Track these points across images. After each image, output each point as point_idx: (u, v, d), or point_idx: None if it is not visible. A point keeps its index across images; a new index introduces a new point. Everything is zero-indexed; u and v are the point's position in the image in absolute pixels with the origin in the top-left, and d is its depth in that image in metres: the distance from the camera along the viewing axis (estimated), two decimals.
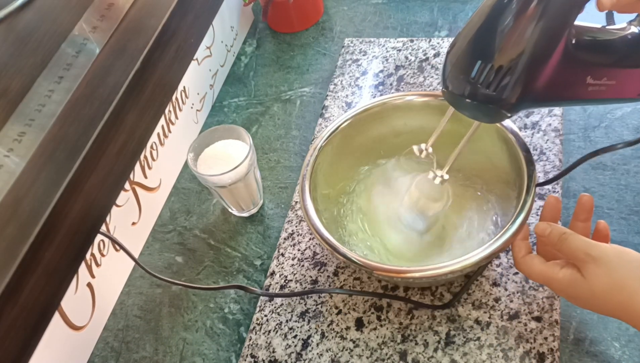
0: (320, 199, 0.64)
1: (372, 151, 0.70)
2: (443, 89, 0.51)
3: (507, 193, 0.61)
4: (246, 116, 0.88)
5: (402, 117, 0.68)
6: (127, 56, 0.37)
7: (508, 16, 0.45)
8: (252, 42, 0.99)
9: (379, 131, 0.69)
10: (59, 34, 0.39)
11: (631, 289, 0.46)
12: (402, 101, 0.68)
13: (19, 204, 0.31)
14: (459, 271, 0.54)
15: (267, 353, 0.63)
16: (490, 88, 0.47)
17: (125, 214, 0.71)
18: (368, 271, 0.56)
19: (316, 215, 0.60)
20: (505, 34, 0.46)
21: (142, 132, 0.38)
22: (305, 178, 0.63)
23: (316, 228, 0.59)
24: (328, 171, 0.66)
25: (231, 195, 0.72)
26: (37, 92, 0.36)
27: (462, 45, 0.48)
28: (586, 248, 0.48)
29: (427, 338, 0.61)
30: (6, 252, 0.29)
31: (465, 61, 0.48)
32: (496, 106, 0.48)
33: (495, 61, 0.46)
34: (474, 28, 0.48)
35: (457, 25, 0.91)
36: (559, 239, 0.50)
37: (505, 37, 0.46)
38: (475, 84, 0.47)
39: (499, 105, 0.48)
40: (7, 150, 0.33)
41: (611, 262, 0.47)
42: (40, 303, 0.31)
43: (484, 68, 0.47)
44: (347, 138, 0.68)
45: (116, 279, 0.72)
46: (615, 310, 0.47)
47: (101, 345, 0.68)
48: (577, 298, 0.50)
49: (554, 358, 0.57)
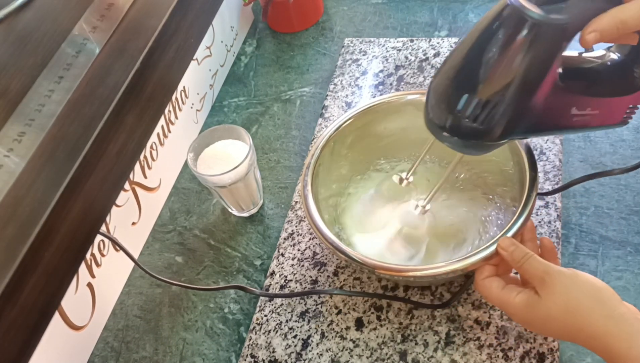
0: (320, 199, 0.64)
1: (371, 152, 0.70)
2: (425, 116, 0.49)
3: (511, 195, 0.62)
4: (246, 116, 0.88)
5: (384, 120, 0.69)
6: (127, 56, 0.37)
7: (495, 47, 0.43)
8: (252, 42, 0.99)
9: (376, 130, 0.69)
10: (59, 33, 0.39)
11: (586, 308, 0.46)
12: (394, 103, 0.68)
13: (18, 204, 0.31)
14: (459, 270, 0.54)
15: (267, 353, 0.63)
16: (475, 122, 0.45)
17: (125, 214, 0.71)
18: (369, 269, 0.56)
19: (318, 214, 0.60)
20: (491, 66, 0.44)
21: (142, 132, 0.38)
22: (307, 175, 0.63)
23: (317, 227, 0.59)
24: (327, 171, 0.66)
25: (231, 195, 0.72)
26: (37, 92, 0.36)
27: (446, 75, 0.47)
28: (545, 268, 0.49)
29: (427, 338, 0.61)
30: (6, 252, 0.29)
31: (449, 93, 0.46)
32: (479, 140, 0.47)
33: (481, 94, 0.44)
34: (459, 58, 0.46)
35: (457, 25, 0.91)
36: (522, 259, 0.50)
37: (492, 69, 0.44)
38: (458, 117, 0.46)
39: (482, 139, 0.47)
40: (7, 150, 0.33)
41: (568, 281, 0.47)
42: (40, 303, 0.31)
43: (469, 101, 0.45)
44: (346, 139, 0.68)
45: (116, 279, 0.72)
46: (572, 331, 0.47)
47: (101, 345, 0.68)
48: (533, 322, 0.50)
49: (554, 358, 0.57)
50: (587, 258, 0.63)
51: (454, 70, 0.46)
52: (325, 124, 0.82)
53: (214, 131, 0.71)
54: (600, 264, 0.62)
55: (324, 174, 0.65)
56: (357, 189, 0.70)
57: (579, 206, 0.67)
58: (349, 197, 0.70)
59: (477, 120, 0.45)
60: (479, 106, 0.45)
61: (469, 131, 0.46)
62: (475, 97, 0.45)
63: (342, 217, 0.68)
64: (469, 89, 0.45)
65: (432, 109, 0.48)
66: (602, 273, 0.61)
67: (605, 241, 0.64)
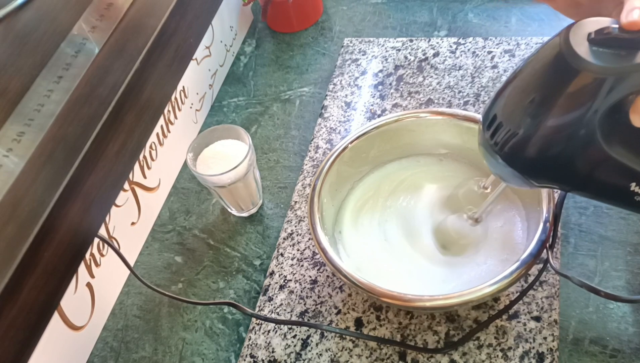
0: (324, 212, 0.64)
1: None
2: (482, 132, 0.48)
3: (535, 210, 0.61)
4: (245, 115, 0.88)
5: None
6: (126, 56, 0.37)
7: (538, 83, 0.41)
8: (251, 42, 0.99)
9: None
10: (58, 33, 0.39)
11: None
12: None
13: (18, 204, 0.31)
14: (467, 302, 0.53)
15: (266, 353, 0.63)
16: (506, 148, 0.44)
17: (124, 214, 0.71)
18: (373, 297, 0.56)
19: (328, 244, 0.59)
20: (529, 99, 0.42)
21: (141, 132, 0.38)
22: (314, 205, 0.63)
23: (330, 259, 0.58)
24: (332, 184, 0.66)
25: (230, 195, 0.72)
26: (36, 92, 0.36)
27: (508, 101, 0.45)
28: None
29: (427, 338, 0.61)
30: (5, 252, 0.29)
31: (488, 114, 0.46)
32: (523, 177, 0.46)
33: (511, 122, 0.43)
34: (508, 84, 0.44)
35: (457, 25, 0.91)
36: None
37: (529, 102, 0.42)
38: (507, 147, 0.45)
39: (516, 169, 0.46)
40: (6, 150, 0.33)
41: None
42: (40, 303, 0.31)
43: (504, 127, 0.44)
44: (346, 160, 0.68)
45: (115, 279, 0.72)
46: None
47: (100, 345, 0.68)
48: None
49: (553, 358, 0.57)
50: (587, 258, 0.63)
51: (495, 96, 0.46)
52: (324, 123, 0.82)
53: (213, 131, 0.71)
54: (600, 264, 0.62)
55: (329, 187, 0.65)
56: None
57: (579, 205, 0.67)
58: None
59: (508, 147, 0.45)
60: (511, 134, 0.44)
61: (507, 158, 0.46)
62: (508, 124, 0.44)
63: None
64: (509, 115, 0.44)
65: (480, 131, 0.48)
66: (601, 272, 0.61)
67: (604, 241, 0.64)
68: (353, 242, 0.66)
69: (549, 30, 0.86)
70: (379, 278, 0.61)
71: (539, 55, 0.42)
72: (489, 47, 0.85)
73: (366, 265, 0.63)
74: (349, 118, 0.82)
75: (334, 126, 0.82)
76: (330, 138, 0.80)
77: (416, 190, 0.68)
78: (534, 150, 0.44)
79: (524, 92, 0.43)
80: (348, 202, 0.69)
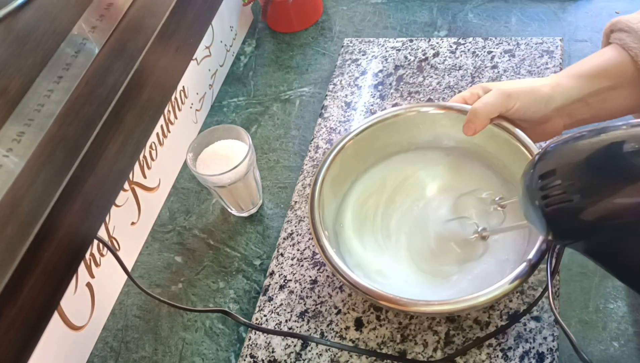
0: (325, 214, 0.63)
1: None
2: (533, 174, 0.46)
3: None
4: (245, 115, 0.88)
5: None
6: (127, 56, 0.37)
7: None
8: (251, 42, 0.99)
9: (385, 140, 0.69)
10: (58, 33, 0.39)
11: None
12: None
13: (18, 204, 0.31)
14: (467, 308, 0.52)
15: (266, 353, 0.63)
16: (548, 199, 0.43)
17: (124, 214, 0.71)
18: (376, 301, 0.55)
19: (331, 249, 0.58)
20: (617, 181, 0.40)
21: (141, 132, 0.38)
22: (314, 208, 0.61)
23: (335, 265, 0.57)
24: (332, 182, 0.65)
25: (230, 195, 0.72)
26: (36, 92, 0.36)
27: (576, 163, 0.43)
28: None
29: (427, 338, 0.61)
30: (5, 252, 0.29)
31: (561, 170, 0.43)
32: (552, 233, 0.45)
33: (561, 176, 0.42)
34: (590, 156, 0.42)
35: (457, 25, 0.91)
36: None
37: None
38: (550, 195, 0.43)
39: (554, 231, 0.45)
40: (6, 150, 0.33)
41: None
42: (40, 303, 0.31)
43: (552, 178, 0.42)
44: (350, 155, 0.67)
45: (115, 279, 0.72)
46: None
47: (100, 345, 0.68)
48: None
49: (554, 358, 0.57)
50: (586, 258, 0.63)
51: (562, 148, 0.44)
52: (324, 124, 0.82)
53: (213, 130, 0.71)
54: None
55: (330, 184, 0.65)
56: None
57: None
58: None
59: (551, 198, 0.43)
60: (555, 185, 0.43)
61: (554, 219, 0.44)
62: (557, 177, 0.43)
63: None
64: (571, 177, 0.42)
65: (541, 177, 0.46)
66: (601, 272, 0.61)
67: None
68: (354, 237, 0.65)
69: (548, 31, 0.86)
70: (379, 276, 0.61)
71: (630, 135, 0.40)
72: (489, 47, 0.85)
73: (366, 263, 0.63)
74: (349, 118, 0.82)
75: (334, 126, 0.82)
76: (330, 137, 0.80)
77: (422, 188, 0.67)
78: (581, 223, 0.42)
79: (600, 168, 0.41)
80: (351, 195, 0.68)
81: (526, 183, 0.46)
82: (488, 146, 0.64)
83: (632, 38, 0.56)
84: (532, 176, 0.45)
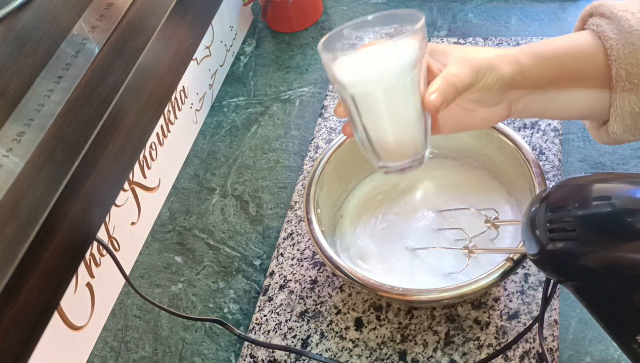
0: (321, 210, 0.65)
1: None
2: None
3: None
4: (245, 115, 0.88)
5: None
6: (127, 56, 0.37)
7: None
8: (251, 42, 0.99)
9: None
10: (58, 33, 0.39)
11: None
12: None
13: (18, 204, 0.31)
14: (462, 295, 0.54)
15: (266, 353, 0.63)
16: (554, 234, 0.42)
17: (124, 214, 0.71)
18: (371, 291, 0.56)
19: (324, 239, 0.61)
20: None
21: (141, 132, 0.38)
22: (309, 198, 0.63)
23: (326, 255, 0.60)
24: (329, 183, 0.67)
25: (380, 119, 0.44)
26: (36, 92, 0.36)
27: (591, 205, 0.41)
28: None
29: (427, 338, 0.61)
30: (5, 252, 0.29)
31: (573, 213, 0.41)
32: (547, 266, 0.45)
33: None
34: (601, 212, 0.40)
35: (457, 25, 0.91)
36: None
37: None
38: (554, 240, 0.42)
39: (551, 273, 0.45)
40: (6, 150, 0.33)
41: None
42: (40, 303, 0.31)
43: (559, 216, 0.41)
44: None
45: (115, 279, 0.71)
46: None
47: (100, 345, 0.68)
48: None
49: (553, 358, 0.57)
50: None
51: (579, 185, 0.43)
52: (324, 123, 0.82)
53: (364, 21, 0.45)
54: None
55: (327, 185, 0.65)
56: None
57: None
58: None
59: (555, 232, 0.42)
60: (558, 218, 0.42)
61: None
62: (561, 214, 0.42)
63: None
64: (583, 220, 0.41)
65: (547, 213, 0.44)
66: None
67: None
68: (351, 231, 0.68)
69: (549, 31, 0.86)
70: (369, 260, 0.65)
71: None
72: (489, 47, 0.85)
73: (364, 255, 0.66)
74: None
75: (334, 126, 0.82)
76: (330, 138, 0.80)
77: (426, 193, 0.70)
78: (580, 264, 0.41)
79: (617, 217, 0.39)
80: (360, 188, 0.71)
81: (534, 212, 0.44)
82: (496, 158, 0.66)
83: (612, 27, 0.45)
84: (544, 206, 0.43)
